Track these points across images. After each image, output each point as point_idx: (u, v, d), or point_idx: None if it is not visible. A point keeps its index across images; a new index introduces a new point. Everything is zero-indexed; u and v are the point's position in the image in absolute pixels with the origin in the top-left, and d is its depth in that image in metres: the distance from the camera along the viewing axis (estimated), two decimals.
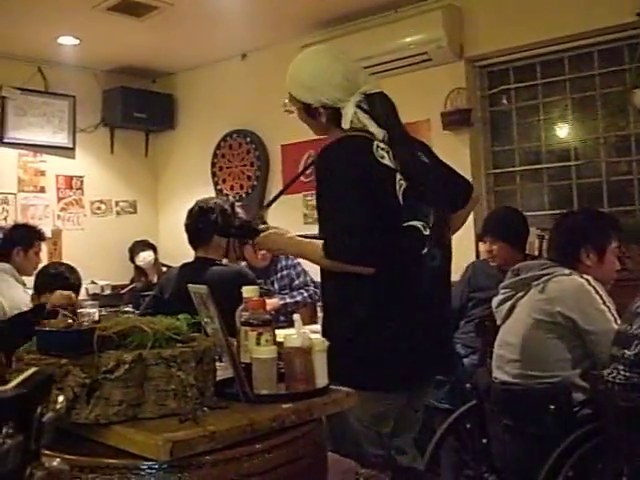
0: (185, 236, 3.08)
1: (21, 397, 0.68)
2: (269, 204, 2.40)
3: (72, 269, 3.28)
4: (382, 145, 2.00)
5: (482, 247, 3.77)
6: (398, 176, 1.97)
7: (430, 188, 2.02)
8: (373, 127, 2.03)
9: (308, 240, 2.12)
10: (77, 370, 1.38)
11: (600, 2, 4.00)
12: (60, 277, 3.18)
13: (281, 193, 2.46)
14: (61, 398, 0.81)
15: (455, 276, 3.74)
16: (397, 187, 1.96)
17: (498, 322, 2.73)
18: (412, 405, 2.11)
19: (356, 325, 1.98)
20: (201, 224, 2.96)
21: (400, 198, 1.95)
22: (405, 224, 1.93)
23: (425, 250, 1.97)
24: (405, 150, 2.05)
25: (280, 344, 1.66)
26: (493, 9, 4.43)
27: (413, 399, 2.10)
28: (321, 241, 1.98)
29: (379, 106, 2.09)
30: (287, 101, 2.24)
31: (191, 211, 3.05)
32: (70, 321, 1.48)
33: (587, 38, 4.20)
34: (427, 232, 1.95)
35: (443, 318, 2.15)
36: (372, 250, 1.92)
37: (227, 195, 5.79)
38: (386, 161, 1.98)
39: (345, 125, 2.05)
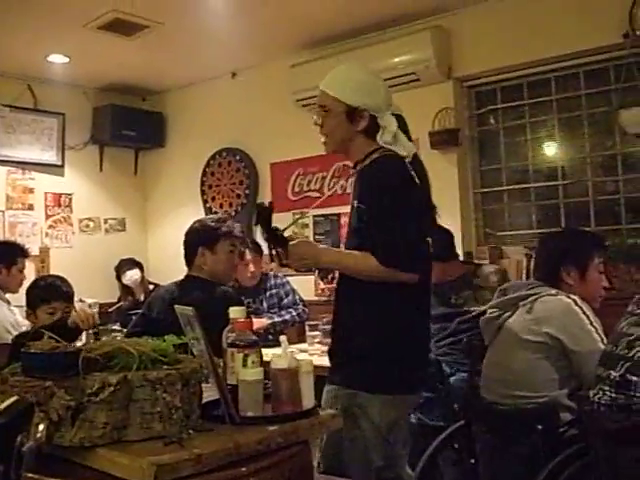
0: (173, 254, 3.12)
1: (1, 427, 0.68)
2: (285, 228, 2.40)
3: (62, 279, 3.23)
4: (409, 166, 2.16)
5: None
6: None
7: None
8: (407, 144, 2.20)
9: (347, 250, 2.23)
10: (62, 392, 1.37)
11: (586, 23, 4.05)
12: (53, 288, 3.13)
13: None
14: (41, 427, 0.80)
15: None
16: (423, 204, 2.17)
17: (486, 342, 2.73)
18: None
19: (386, 333, 2.12)
20: (186, 243, 2.99)
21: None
22: (427, 238, 2.17)
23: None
24: (422, 171, 2.22)
25: (267, 364, 1.66)
26: (480, 30, 4.47)
27: None
28: (359, 252, 2.11)
29: (403, 126, 2.25)
30: (315, 116, 2.29)
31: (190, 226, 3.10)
32: (55, 343, 1.47)
33: (573, 59, 4.25)
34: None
35: None
36: (420, 260, 2.10)
37: (216, 212, 5.79)
38: (416, 180, 2.15)
39: (387, 136, 2.18)
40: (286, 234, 2.22)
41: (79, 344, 1.54)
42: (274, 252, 2.21)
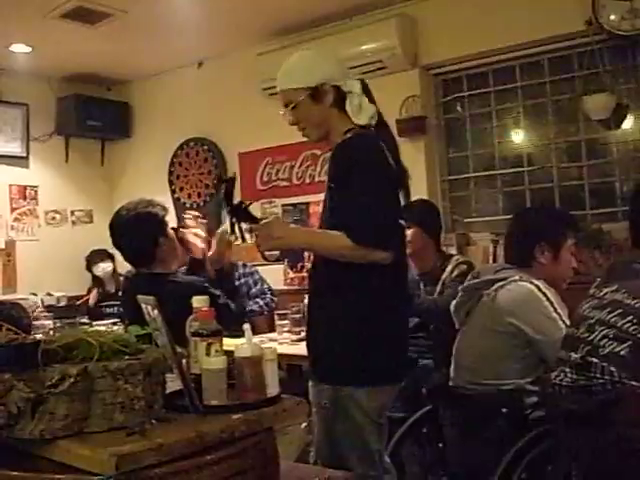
0: None
1: None
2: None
3: (23, 308, 2.92)
4: (383, 145, 2.12)
5: None
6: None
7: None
8: (370, 107, 2.16)
9: (320, 230, 2.19)
10: (21, 385, 1.36)
11: (549, 11, 4.08)
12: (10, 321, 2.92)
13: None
14: None
15: None
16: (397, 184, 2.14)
17: (457, 326, 2.73)
18: None
19: (360, 326, 2.06)
20: (141, 235, 2.71)
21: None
22: (401, 220, 2.14)
23: None
24: (396, 152, 2.19)
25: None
26: (446, 18, 4.48)
27: None
28: (331, 231, 2.04)
29: (367, 91, 2.20)
30: (282, 111, 2.21)
31: (121, 223, 2.78)
32: (13, 335, 1.46)
33: (537, 46, 4.29)
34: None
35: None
36: (393, 237, 2.05)
37: (184, 203, 5.76)
38: (390, 160, 2.11)
39: (355, 100, 2.13)
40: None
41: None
42: (237, 228, 2.12)
